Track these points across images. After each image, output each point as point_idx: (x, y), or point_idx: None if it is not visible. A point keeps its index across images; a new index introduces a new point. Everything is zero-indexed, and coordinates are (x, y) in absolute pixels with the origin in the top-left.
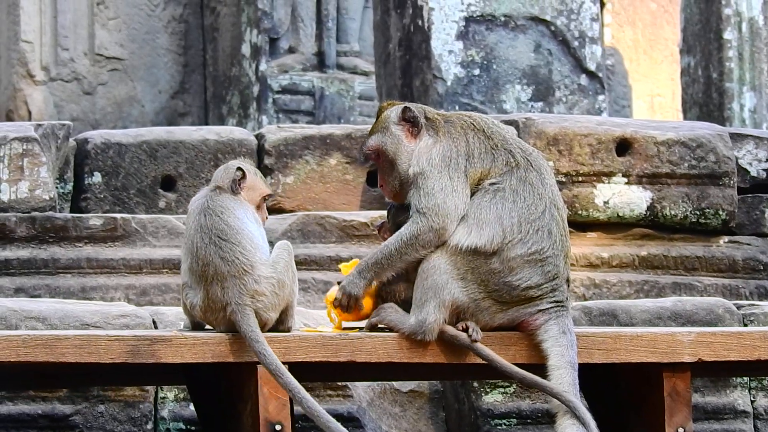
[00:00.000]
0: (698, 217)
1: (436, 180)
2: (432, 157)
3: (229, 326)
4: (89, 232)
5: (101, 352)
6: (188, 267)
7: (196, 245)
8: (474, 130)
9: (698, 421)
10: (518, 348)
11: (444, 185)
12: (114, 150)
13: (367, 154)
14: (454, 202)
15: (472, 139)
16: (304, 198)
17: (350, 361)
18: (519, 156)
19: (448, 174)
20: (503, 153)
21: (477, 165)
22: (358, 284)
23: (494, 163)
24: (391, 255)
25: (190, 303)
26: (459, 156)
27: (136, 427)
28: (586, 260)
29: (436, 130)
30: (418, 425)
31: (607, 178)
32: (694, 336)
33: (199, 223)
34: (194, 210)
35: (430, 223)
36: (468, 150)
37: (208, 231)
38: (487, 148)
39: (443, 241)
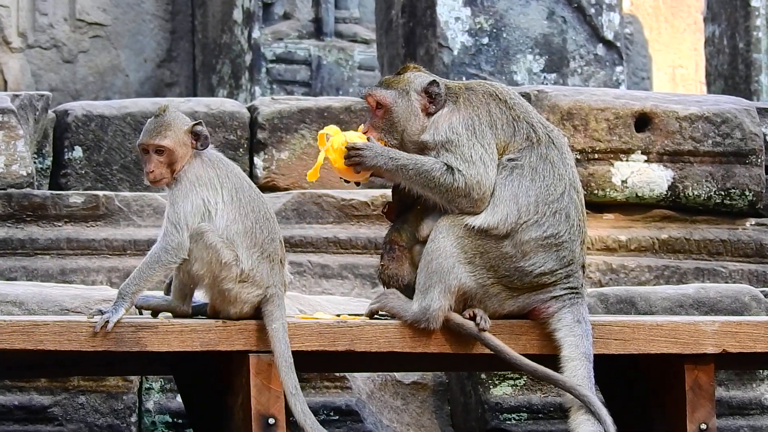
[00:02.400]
0: (723, 197)
1: (470, 147)
2: (454, 125)
3: (252, 308)
4: (69, 210)
5: (82, 339)
6: (247, 229)
7: (267, 213)
8: (496, 99)
9: (722, 416)
10: (529, 337)
11: (481, 154)
12: (96, 123)
13: (371, 103)
14: (493, 174)
15: (494, 109)
16: (300, 175)
17: (349, 351)
18: (541, 131)
19: (478, 142)
20: (525, 126)
21: (499, 137)
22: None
23: (515, 137)
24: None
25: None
26: (482, 124)
27: (119, 419)
28: (603, 243)
29: (456, 98)
30: (421, 419)
31: (626, 155)
32: (718, 325)
33: (257, 193)
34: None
35: (469, 190)
36: (490, 120)
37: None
38: (508, 120)
39: (475, 213)
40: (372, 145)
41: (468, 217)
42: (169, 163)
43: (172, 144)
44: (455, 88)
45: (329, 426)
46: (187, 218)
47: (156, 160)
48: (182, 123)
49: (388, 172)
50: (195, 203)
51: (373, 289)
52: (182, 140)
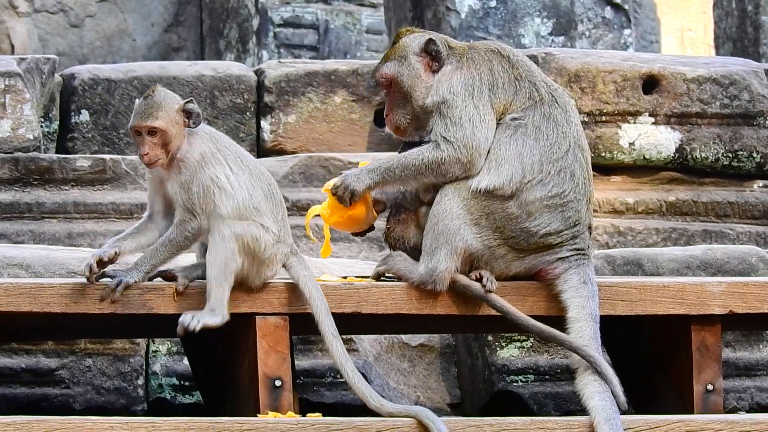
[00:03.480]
0: (730, 159)
1: (462, 109)
2: (453, 85)
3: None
4: (76, 174)
5: (89, 302)
6: (265, 192)
7: (267, 172)
8: (499, 58)
9: (729, 377)
10: (536, 299)
11: (471, 115)
12: (103, 86)
13: (380, 81)
14: (484, 134)
15: (497, 67)
16: (307, 138)
17: (355, 313)
18: (544, 90)
19: (473, 103)
20: (528, 85)
21: (500, 96)
22: (362, 180)
23: (517, 96)
24: (407, 168)
25: (255, 235)
26: (482, 85)
27: (125, 382)
28: (610, 206)
29: (458, 57)
30: (428, 381)
31: (633, 117)
32: (724, 286)
33: (253, 157)
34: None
35: (458, 155)
36: (492, 79)
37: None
38: (511, 79)
39: (470, 176)
40: (347, 173)
41: (473, 179)
42: (163, 144)
43: (165, 124)
44: (459, 48)
45: (336, 388)
46: (201, 202)
47: (150, 142)
48: (173, 102)
49: (380, 184)
50: (205, 185)
51: (380, 251)
52: (174, 119)
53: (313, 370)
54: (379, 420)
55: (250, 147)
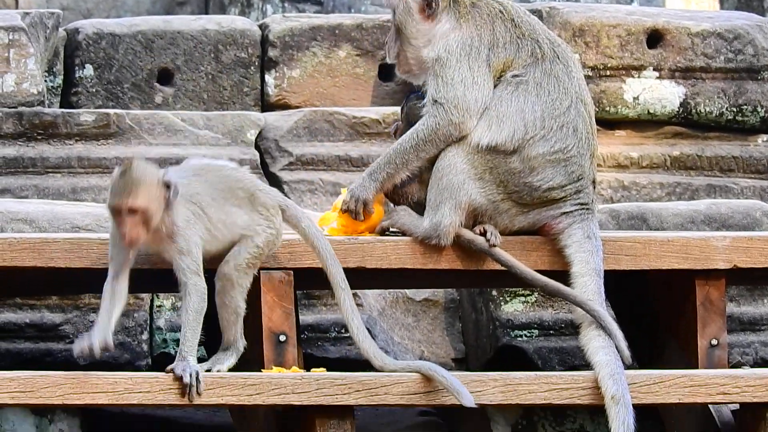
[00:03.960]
0: (735, 114)
1: (455, 69)
2: (449, 44)
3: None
4: (80, 128)
5: (93, 256)
6: (249, 200)
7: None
8: (502, 18)
9: (733, 332)
10: (540, 253)
11: (464, 76)
12: (107, 41)
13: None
14: (474, 95)
15: (499, 27)
16: (311, 93)
17: (360, 268)
18: (546, 47)
19: (467, 63)
20: (529, 43)
21: (501, 55)
22: (368, 187)
23: (519, 54)
24: (406, 152)
25: (256, 254)
26: (481, 45)
27: (130, 337)
28: (614, 160)
29: (459, 14)
30: (432, 336)
31: (637, 72)
32: (729, 241)
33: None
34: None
35: (449, 117)
36: (492, 39)
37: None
38: (512, 37)
39: (463, 136)
40: (351, 188)
41: (475, 135)
42: (144, 221)
43: (146, 203)
44: (462, 3)
45: (341, 343)
46: (199, 263)
47: (130, 221)
48: (152, 177)
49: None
50: (197, 244)
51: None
52: (155, 195)
53: (317, 324)
54: (383, 375)
55: (255, 101)
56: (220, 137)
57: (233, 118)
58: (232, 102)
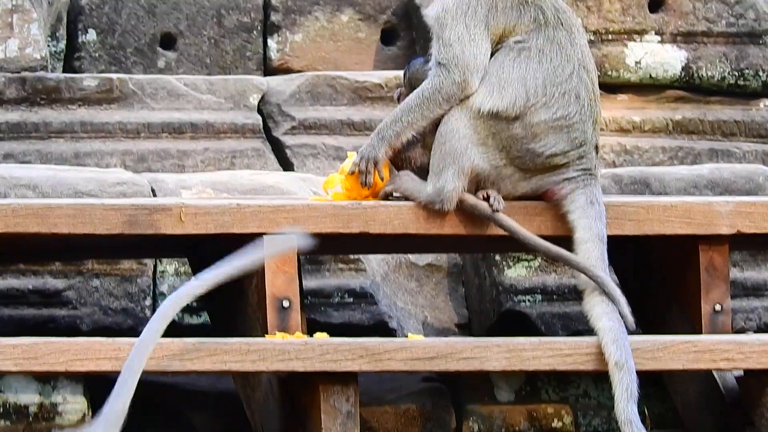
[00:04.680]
0: (737, 78)
1: (452, 29)
2: (447, 3)
3: None
4: (83, 93)
5: (96, 222)
6: None
7: None
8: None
9: (736, 297)
10: (543, 219)
11: (460, 34)
12: (110, 5)
13: None
14: (472, 52)
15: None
16: (314, 57)
17: (363, 233)
18: (549, 13)
19: (464, 22)
20: (532, 9)
21: (500, 19)
22: (377, 146)
23: (520, 19)
24: (411, 111)
25: None
26: (479, 5)
27: (133, 302)
28: (617, 124)
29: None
30: (435, 301)
31: (639, 36)
32: (732, 206)
33: None
34: None
35: (453, 76)
36: (492, 2)
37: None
38: (514, 3)
39: (468, 95)
40: (359, 151)
41: (477, 100)
42: None
43: None
44: None
45: (344, 308)
46: None
47: None
48: None
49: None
50: None
51: None
52: None
53: (320, 290)
54: (387, 340)
55: (257, 66)
56: (222, 102)
57: (236, 82)
58: (234, 66)
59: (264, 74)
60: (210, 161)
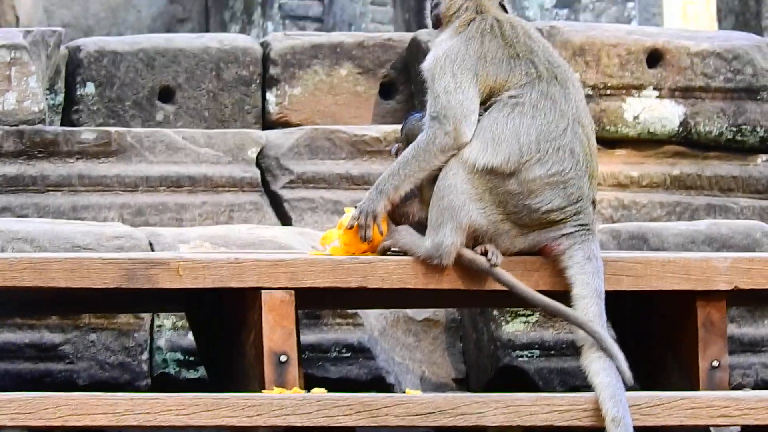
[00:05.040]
0: (734, 133)
1: (440, 80)
2: (437, 54)
3: None
4: (81, 146)
5: (94, 276)
6: None
7: None
8: (492, 33)
9: (734, 353)
10: (541, 274)
11: (446, 84)
12: (108, 59)
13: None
14: (458, 99)
15: (489, 43)
16: (312, 111)
17: (361, 287)
18: (542, 67)
19: (452, 71)
20: (524, 63)
21: (489, 69)
22: (376, 200)
23: (512, 72)
24: (408, 164)
25: None
26: (467, 54)
27: (130, 357)
28: (615, 179)
29: (454, 29)
30: (433, 356)
31: (637, 91)
32: (730, 262)
33: None
34: None
35: (444, 127)
36: (481, 51)
37: None
38: (504, 55)
39: (462, 143)
40: (358, 205)
41: (473, 155)
42: None
43: None
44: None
45: (341, 363)
46: None
47: None
48: None
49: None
50: None
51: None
52: None
53: (318, 344)
54: (385, 396)
55: (256, 119)
56: (221, 155)
57: (234, 135)
58: (233, 120)
59: (262, 128)
60: (208, 215)
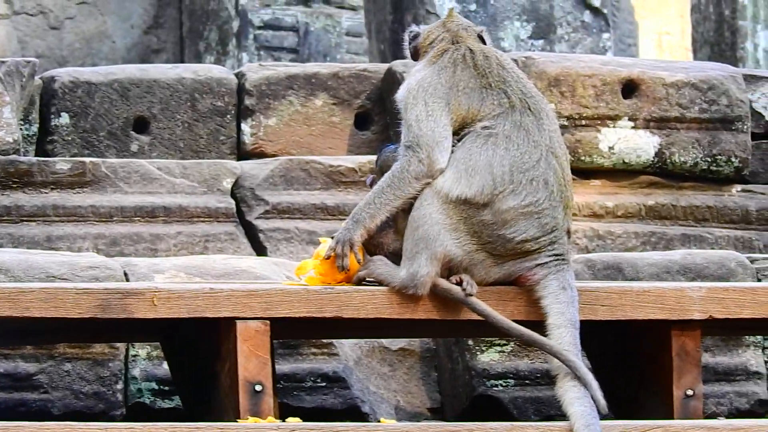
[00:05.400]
0: (709, 164)
1: (412, 109)
2: (410, 84)
3: None
4: (56, 177)
5: (68, 306)
6: None
7: None
8: (464, 63)
9: (708, 382)
10: (516, 304)
11: (418, 113)
12: (83, 89)
13: None
14: (430, 127)
15: (461, 73)
16: (288, 141)
17: (337, 317)
18: (515, 98)
19: (423, 100)
20: (497, 93)
21: (462, 98)
22: (353, 229)
23: (484, 102)
24: (384, 193)
25: None
26: (439, 84)
27: (105, 387)
28: (590, 210)
29: (428, 59)
30: (408, 386)
31: (613, 121)
32: (704, 291)
33: None
34: None
35: (417, 155)
36: (453, 81)
37: None
38: (477, 85)
39: (435, 171)
40: (334, 235)
41: (447, 185)
42: None
43: None
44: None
45: (316, 393)
46: None
47: None
48: None
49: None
50: None
51: None
52: None
53: (293, 374)
54: (359, 425)
55: (231, 150)
56: (196, 186)
57: (209, 166)
58: (208, 150)
59: (237, 158)
60: (183, 245)
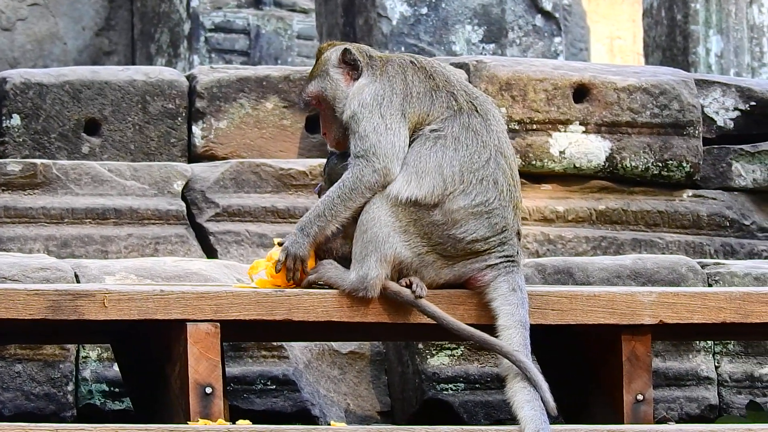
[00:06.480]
0: (660, 169)
1: (368, 121)
2: (363, 98)
3: None
4: (7, 178)
5: (19, 307)
6: None
7: None
8: (413, 68)
9: (659, 387)
10: (467, 307)
11: (376, 125)
12: (34, 91)
13: (307, 100)
14: (390, 140)
15: (411, 78)
16: (238, 144)
17: (287, 320)
18: (462, 99)
19: (379, 112)
20: (445, 95)
21: (415, 105)
22: (302, 243)
23: (433, 106)
24: (334, 204)
25: None
26: (394, 94)
27: (55, 388)
28: (540, 214)
29: (374, 70)
30: (358, 389)
31: (564, 126)
32: (655, 296)
33: None
34: None
35: (373, 165)
36: (405, 89)
37: None
38: (426, 89)
39: (389, 182)
40: (284, 246)
41: (396, 188)
42: None
43: None
44: (378, 60)
45: (266, 396)
46: None
47: None
48: None
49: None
50: None
51: None
52: None
53: (243, 376)
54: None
55: (181, 152)
56: (146, 188)
57: (160, 168)
58: (159, 153)
59: (188, 161)
60: (133, 247)
